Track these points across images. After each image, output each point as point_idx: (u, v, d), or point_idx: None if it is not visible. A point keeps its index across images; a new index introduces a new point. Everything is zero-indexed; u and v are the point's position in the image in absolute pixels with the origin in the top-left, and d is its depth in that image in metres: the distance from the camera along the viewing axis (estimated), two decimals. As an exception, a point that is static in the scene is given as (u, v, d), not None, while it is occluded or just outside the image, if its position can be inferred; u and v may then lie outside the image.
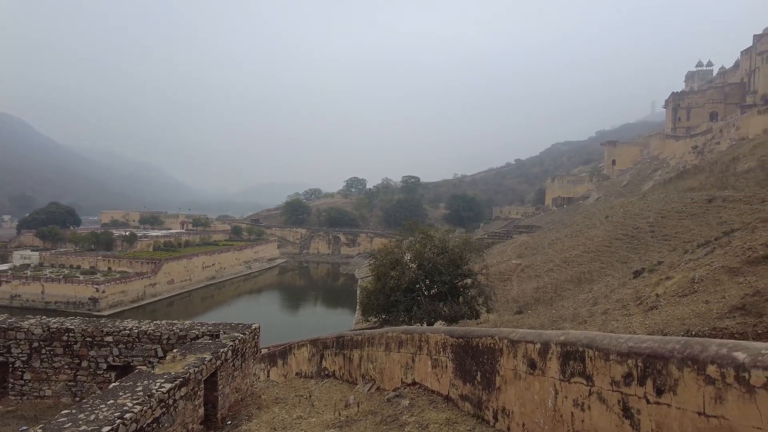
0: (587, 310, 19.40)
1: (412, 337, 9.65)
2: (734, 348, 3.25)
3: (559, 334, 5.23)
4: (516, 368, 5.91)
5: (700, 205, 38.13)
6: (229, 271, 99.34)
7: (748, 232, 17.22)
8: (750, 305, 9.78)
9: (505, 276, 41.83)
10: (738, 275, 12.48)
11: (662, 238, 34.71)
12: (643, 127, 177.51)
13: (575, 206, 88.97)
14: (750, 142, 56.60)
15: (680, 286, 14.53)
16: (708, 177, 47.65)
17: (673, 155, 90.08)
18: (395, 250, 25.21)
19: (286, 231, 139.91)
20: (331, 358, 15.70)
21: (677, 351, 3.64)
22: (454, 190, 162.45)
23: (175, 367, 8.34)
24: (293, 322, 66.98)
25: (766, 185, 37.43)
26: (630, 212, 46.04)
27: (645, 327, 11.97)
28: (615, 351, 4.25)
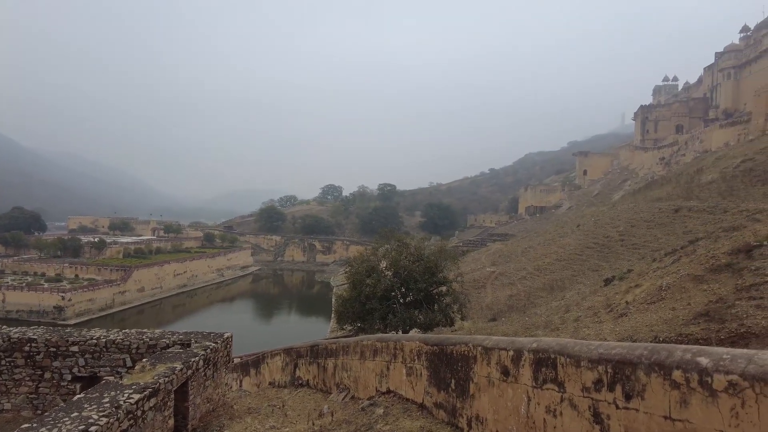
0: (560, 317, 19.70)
1: (387, 345, 9.64)
2: (698, 353, 3.34)
3: (532, 341, 5.30)
4: (490, 375, 5.96)
5: (667, 215, 39.31)
6: (202, 278, 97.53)
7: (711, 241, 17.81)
8: (713, 312, 10.09)
9: (480, 283, 42.21)
10: (702, 283, 12.86)
11: (632, 247, 35.60)
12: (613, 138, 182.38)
13: (548, 215, 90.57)
14: (713, 154, 58.72)
15: (649, 294, 14.89)
16: (674, 188, 49.17)
17: (641, 166, 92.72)
18: (371, 258, 25.20)
19: (260, 238, 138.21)
20: (305, 367, 15.53)
21: (645, 357, 3.73)
22: (430, 198, 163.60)
23: (144, 377, 8.12)
24: (267, 331, 66.06)
25: (728, 196, 38.84)
26: (601, 221, 47.10)
27: (615, 334, 12.21)
28: (586, 357, 4.33)
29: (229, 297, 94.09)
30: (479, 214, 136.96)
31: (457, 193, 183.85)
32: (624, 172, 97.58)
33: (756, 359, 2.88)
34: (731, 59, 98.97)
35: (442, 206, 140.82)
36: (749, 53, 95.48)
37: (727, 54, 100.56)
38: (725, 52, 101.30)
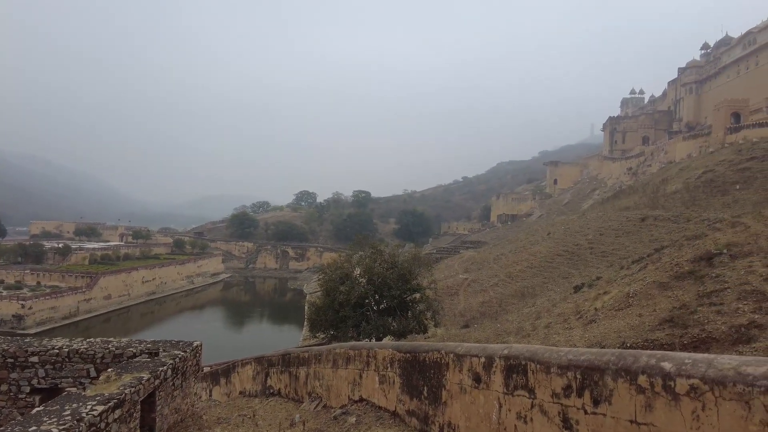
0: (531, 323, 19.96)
1: (360, 352, 9.59)
2: (662, 359, 3.44)
3: (503, 347, 5.36)
4: (462, 382, 5.99)
5: (635, 224, 40.43)
6: (171, 286, 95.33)
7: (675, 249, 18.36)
8: (677, 317, 10.39)
9: (453, 290, 42.48)
10: (667, 289, 13.23)
11: (600, 255, 36.44)
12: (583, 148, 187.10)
13: (519, 223, 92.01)
14: (677, 165, 60.78)
15: (617, 301, 15.22)
16: (641, 197, 50.64)
17: (610, 176, 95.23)
18: (345, 265, 25.07)
19: (231, 245, 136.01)
20: (276, 376, 15.31)
21: (612, 363, 3.81)
22: (405, 205, 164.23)
23: (109, 387, 7.87)
24: (237, 339, 64.90)
25: (691, 205, 40.22)
26: (570, 230, 48.09)
27: (585, 340, 12.43)
28: (555, 364, 4.40)
29: (199, 305, 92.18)
30: (453, 222, 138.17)
31: (431, 200, 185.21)
32: (593, 182, 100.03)
33: (715, 363, 2.98)
34: (693, 75, 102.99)
35: (417, 213, 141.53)
36: (709, 69, 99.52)
37: (689, 70, 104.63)
38: (687, 68, 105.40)
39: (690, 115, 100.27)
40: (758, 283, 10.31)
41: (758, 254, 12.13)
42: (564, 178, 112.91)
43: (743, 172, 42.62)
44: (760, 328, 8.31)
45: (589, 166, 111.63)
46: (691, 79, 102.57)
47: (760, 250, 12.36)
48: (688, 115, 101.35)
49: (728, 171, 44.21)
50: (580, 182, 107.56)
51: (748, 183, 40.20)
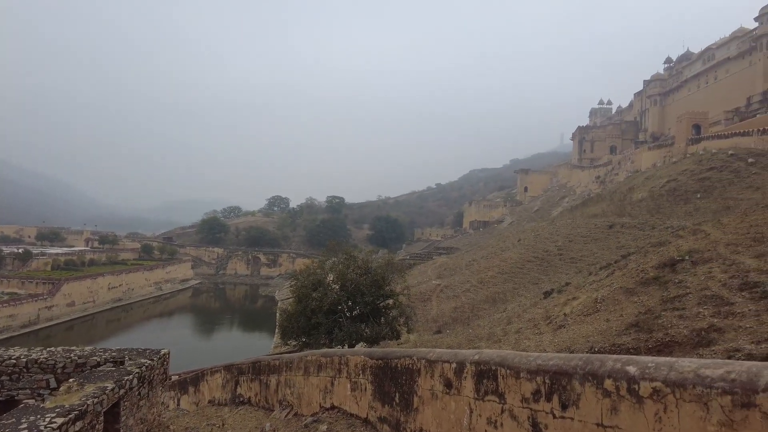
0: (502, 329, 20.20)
1: (332, 360, 9.52)
2: (627, 362, 3.52)
3: (474, 353, 5.40)
4: (433, 388, 6.00)
5: (602, 231, 41.47)
6: (138, 292, 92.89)
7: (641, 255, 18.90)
8: (642, 322, 10.68)
9: (426, 296, 42.65)
10: (633, 295, 13.59)
11: (569, 261, 37.21)
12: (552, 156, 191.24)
13: (491, 229, 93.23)
14: (642, 174, 62.69)
15: (585, 306, 15.55)
16: (609, 205, 51.98)
17: (579, 184, 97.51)
18: (318, 271, 24.90)
19: (201, 250, 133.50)
20: (246, 384, 15.06)
21: (579, 367, 3.88)
22: (378, 211, 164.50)
23: (70, 398, 7.59)
24: (207, 347, 63.57)
25: (656, 213, 41.51)
26: (540, 236, 48.97)
27: (554, 345, 12.64)
28: (525, 369, 4.46)
29: (167, 311, 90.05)
30: (426, 228, 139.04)
31: (405, 206, 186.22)
32: (562, 190, 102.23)
33: (676, 366, 3.07)
34: (657, 87, 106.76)
35: (390, 219, 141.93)
36: (672, 83, 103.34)
37: (653, 82, 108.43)
38: (652, 81, 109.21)
39: (655, 126, 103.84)
40: (717, 288, 10.69)
41: (717, 261, 12.59)
42: (534, 185, 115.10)
43: (703, 182, 44.26)
44: (719, 331, 8.60)
45: (558, 174, 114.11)
46: (656, 91, 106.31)
47: (719, 257, 12.83)
48: (653, 125, 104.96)
49: (690, 180, 45.84)
50: (549, 190, 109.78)
51: (708, 192, 41.76)
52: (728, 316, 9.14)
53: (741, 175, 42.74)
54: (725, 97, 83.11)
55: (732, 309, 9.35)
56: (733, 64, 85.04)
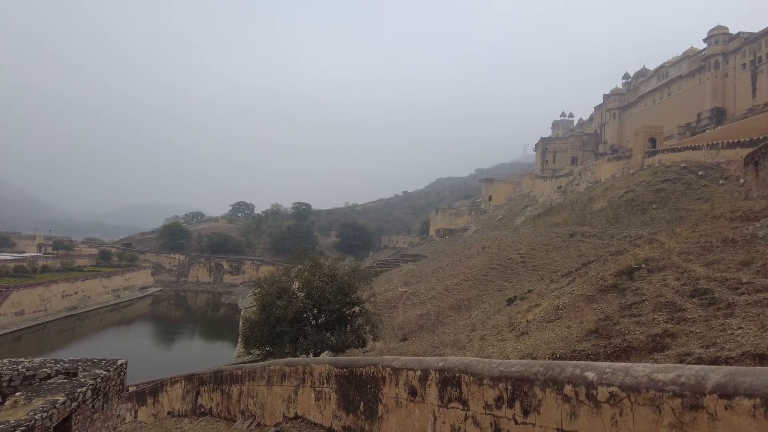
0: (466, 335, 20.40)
1: (296, 369, 9.40)
2: (586, 368, 3.62)
3: (438, 360, 5.43)
4: (398, 396, 6.00)
5: (564, 239, 42.58)
6: (95, 300, 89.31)
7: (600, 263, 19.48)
8: (602, 329, 10.99)
9: (392, 303, 42.69)
10: (593, 302, 13.97)
11: (532, 269, 37.99)
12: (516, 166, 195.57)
13: (456, 237, 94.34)
14: (602, 185, 64.82)
15: (547, 313, 15.88)
16: (570, 214, 53.46)
17: (541, 193, 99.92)
18: (283, 279, 24.57)
19: (162, 257, 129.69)
20: (207, 395, 14.68)
21: (540, 374, 3.96)
22: (346, 218, 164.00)
23: (16, 413, 7.21)
24: (167, 356, 61.63)
25: (615, 223, 42.95)
26: (504, 244, 49.85)
27: (517, 351, 12.85)
28: (488, 375, 4.51)
29: (126, 320, 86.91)
30: (393, 235, 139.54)
31: (373, 213, 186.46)
32: (525, 199, 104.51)
33: (631, 371, 3.18)
34: (615, 101, 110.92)
35: (357, 227, 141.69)
36: (630, 97, 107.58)
37: (612, 97, 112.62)
38: (611, 95, 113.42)
39: (614, 139, 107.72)
40: (671, 295, 11.13)
41: (671, 269, 13.12)
42: (498, 194, 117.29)
43: (658, 193, 46.13)
44: (672, 336, 8.94)
45: (521, 184, 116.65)
46: (615, 105, 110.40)
47: (672, 265, 13.37)
48: (612, 138, 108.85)
49: (646, 191, 47.69)
50: (513, 199, 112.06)
51: (663, 203, 43.53)
52: (680, 321, 9.51)
53: (692, 187, 44.78)
54: (678, 112, 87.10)
55: (684, 315, 9.75)
56: (684, 82, 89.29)
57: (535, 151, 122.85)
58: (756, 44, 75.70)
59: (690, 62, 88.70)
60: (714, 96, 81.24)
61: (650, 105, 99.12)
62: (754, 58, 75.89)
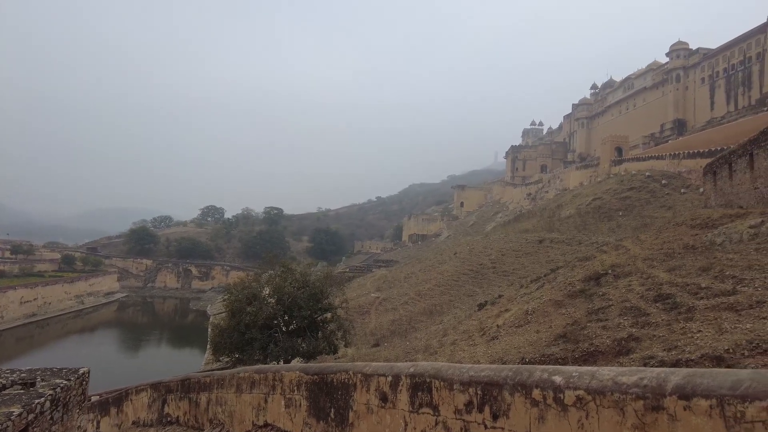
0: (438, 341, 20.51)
1: (266, 376, 9.27)
2: (553, 372, 3.68)
3: (410, 366, 5.44)
4: (369, 402, 5.98)
5: (533, 245, 43.36)
6: (56, 306, 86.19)
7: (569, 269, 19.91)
8: (570, 333, 11.21)
9: (364, 309, 42.59)
10: (561, 307, 14.25)
11: (502, 274, 38.53)
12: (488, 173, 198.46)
13: (429, 243, 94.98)
14: (570, 192, 66.35)
15: (517, 318, 16.11)
16: (539, 221, 54.50)
17: (512, 200, 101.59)
18: (253, 284, 24.22)
19: (129, 262, 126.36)
20: (175, 403, 14.33)
21: (509, 378, 4.01)
22: (318, 223, 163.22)
23: (-31, 425, 6.87)
24: (133, 364, 59.87)
25: (582, 229, 44.00)
26: (475, 250, 50.43)
27: (488, 356, 12.98)
28: (458, 380, 4.54)
29: (89, 327, 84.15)
30: (366, 241, 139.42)
31: (346, 219, 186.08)
32: (496, 205, 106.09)
33: (597, 375, 3.25)
34: (584, 111, 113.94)
35: (330, 232, 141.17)
36: (597, 107, 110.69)
37: (580, 106, 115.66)
38: (580, 105, 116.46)
39: (582, 147, 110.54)
40: (636, 300, 11.45)
41: (636, 274, 13.50)
42: (470, 201, 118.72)
43: (624, 201, 47.52)
44: (636, 340, 9.19)
45: (492, 191, 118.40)
46: (583, 115, 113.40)
47: (637, 271, 13.76)
48: (580, 147, 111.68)
49: (613, 199, 49.05)
50: (484, 205, 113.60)
51: (629, 210, 44.85)
52: (645, 326, 9.79)
53: (656, 195, 46.30)
54: (643, 122, 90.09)
55: (648, 319, 10.03)
56: (649, 94, 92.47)
57: (505, 158, 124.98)
58: (714, 60, 79.09)
59: (654, 75, 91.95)
60: (676, 108, 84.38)
61: (617, 115, 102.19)
62: (712, 73, 79.24)
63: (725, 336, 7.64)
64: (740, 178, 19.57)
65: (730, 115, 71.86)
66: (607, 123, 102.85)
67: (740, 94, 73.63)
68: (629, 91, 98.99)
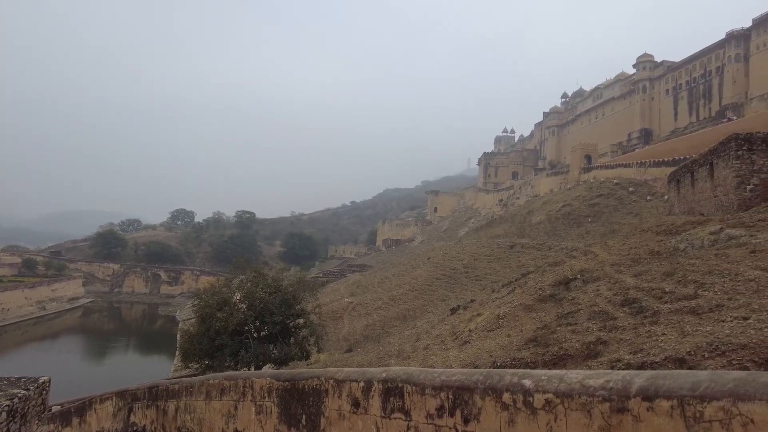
0: (411, 345, 20.55)
1: (236, 383, 9.12)
2: (523, 376, 3.73)
3: (382, 371, 5.44)
4: (341, 408, 5.94)
5: (504, 250, 43.98)
6: (16, 312, 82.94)
7: (539, 274, 20.25)
8: (540, 337, 11.38)
9: (338, 314, 42.38)
10: (532, 311, 14.47)
11: (474, 279, 38.93)
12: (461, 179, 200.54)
13: (403, 248, 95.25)
14: (541, 199, 67.61)
15: (488, 322, 16.27)
16: (510, 227, 55.33)
17: (484, 206, 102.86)
18: (224, 290, 23.84)
19: (95, 266, 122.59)
20: (141, 411, 13.94)
21: (480, 382, 4.05)
22: (292, 227, 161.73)
23: None
24: (98, 372, 58.02)
25: (552, 235, 44.86)
26: (448, 255, 50.84)
27: (460, 360, 13.07)
28: (430, 385, 4.56)
29: (51, 334, 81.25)
30: (340, 245, 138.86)
31: (320, 223, 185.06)
32: (469, 211, 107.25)
33: (565, 378, 3.31)
34: (555, 119, 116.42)
35: (304, 236, 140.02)
36: (568, 116, 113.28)
37: (551, 115, 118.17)
38: (550, 113, 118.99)
39: (553, 155, 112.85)
40: (604, 304, 11.71)
41: (604, 279, 13.82)
42: (443, 206, 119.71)
43: (593, 207, 48.69)
44: (604, 344, 9.40)
45: (465, 197, 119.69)
46: (554, 123, 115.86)
47: (605, 276, 14.09)
48: (551, 154, 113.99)
49: (582, 206, 50.20)
50: (457, 211, 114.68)
51: (597, 216, 45.97)
52: (612, 330, 10.02)
53: (624, 202, 47.61)
54: (611, 131, 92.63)
55: (615, 323, 10.28)
56: (617, 103, 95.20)
57: (478, 165, 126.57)
58: (677, 72, 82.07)
59: (621, 85, 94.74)
60: (642, 118, 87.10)
61: (586, 124, 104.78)
62: (676, 85, 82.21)
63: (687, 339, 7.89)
64: (701, 187, 20.31)
65: (692, 126, 74.58)
66: (577, 131, 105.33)
67: (701, 106, 76.54)
68: (598, 101, 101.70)
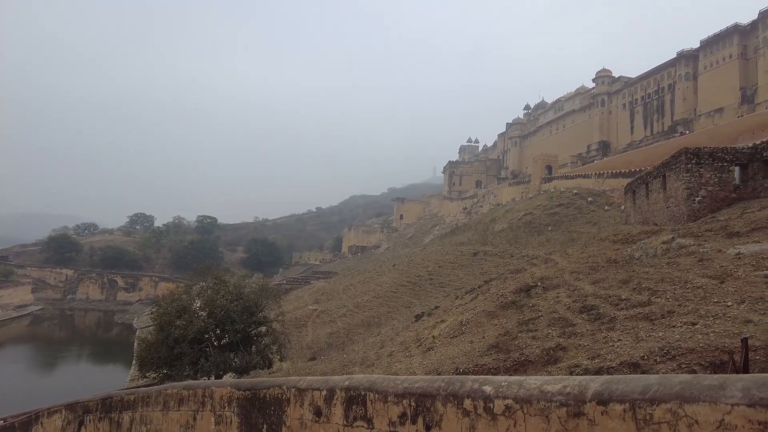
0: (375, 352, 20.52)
1: (195, 392, 8.88)
2: (484, 382, 3.78)
3: (345, 379, 5.41)
4: (302, 417, 5.87)
5: (468, 258, 44.58)
6: (-44, 321, 78.26)
7: (501, 281, 20.62)
8: (502, 343, 11.58)
9: (301, 322, 41.89)
10: (494, 318, 14.70)
11: (439, 285, 39.27)
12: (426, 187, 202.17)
13: (368, 254, 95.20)
14: (503, 207, 68.99)
15: (452, 329, 16.44)
16: (474, 234, 56.19)
17: (448, 214, 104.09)
18: (183, 297, 23.21)
19: (46, 271, 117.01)
20: (93, 424, 13.37)
21: (442, 389, 4.07)
22: (255, 233, 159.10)
23: None
24: (47, 384, 55.17)
25: (514, 243, 45.80)
26: (413, 261, 51.14)
27: (423, 367, 13.14)
28: (392, 392, 4.55)
29: (-6, 344, 76.93)
30: (305, 252, 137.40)
31: (284, 229, 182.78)
32: (434, 219, 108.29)
33: (525, 384, 3.38)
34: (517, 130, 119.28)
35: (267, 242, 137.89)
36: (530, 127, 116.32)
37: (514, 126, 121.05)
38: (513, 124, 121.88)
39: (515, 165, 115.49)
40: (563, 311, 12.03)
41: (564, 286, 14.20)
42: (409, 213, 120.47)
43: (553, 216, 50.01)
44: (563, 350, 9.65)
45: (430, 204, 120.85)
46: (516, 133, 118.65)
47: (565, 283, 14.48)
48: (513, 164, 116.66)
49: (543, 214, 51.48)
50: (423, 218, 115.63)
51: (557, 225, 47.23)
52: (571, 336, 10.30)
53: (583, 212, 49.11)
54: (572, 143, 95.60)
55: (574, 329, 10.57)
56: (577, 116, 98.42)
57: (443, 173, 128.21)
58: (633, 88, 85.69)
59: (581, 99, 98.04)
60: (601, 130, 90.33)
61: (547, 135, 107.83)
62: (632, 100, 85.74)
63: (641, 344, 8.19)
64: (655, 198, 21.19)
65: (647, 139, 77.84)
66: (539, 142, 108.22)
67: (655, 120, 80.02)
68: (559, 113, 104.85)
